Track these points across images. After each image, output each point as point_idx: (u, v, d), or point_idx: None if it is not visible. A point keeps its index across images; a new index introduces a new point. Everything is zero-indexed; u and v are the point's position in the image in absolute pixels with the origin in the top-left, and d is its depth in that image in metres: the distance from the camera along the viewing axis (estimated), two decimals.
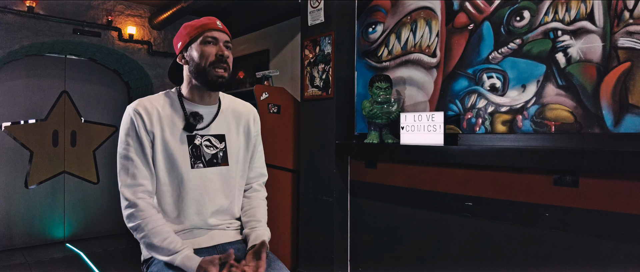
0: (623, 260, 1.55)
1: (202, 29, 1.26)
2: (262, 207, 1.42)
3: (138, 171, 1.21)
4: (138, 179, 1.21)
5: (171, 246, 1.15)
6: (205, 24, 1.28)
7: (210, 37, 1.26)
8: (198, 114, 1.29)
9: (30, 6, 3.40)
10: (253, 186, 1.45)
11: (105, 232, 4.25)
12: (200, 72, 1.25)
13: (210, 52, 1.25)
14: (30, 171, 3.88)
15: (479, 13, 2.07)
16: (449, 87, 2.18)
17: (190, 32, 1.27)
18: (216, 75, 1.25)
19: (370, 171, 2.50)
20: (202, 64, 1.24)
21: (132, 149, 1.22)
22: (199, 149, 1.28)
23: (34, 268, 3.24)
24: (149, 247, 1.19)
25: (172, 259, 1.15)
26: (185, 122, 1.27)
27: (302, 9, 2.77)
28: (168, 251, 1.15)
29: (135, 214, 1.19)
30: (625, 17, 1.62)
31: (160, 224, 1.19)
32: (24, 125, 3.86)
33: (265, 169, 1.50)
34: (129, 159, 1.21)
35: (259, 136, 1.46)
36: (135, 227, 1.20)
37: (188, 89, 1.31)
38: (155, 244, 1.16)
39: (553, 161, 1.67)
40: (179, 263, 1.13)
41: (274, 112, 2.91)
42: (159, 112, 1.25)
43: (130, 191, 1.20)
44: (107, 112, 4.33)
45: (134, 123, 1.22)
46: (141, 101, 1.27)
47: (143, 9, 4.06)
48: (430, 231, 2.18)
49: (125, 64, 4.20)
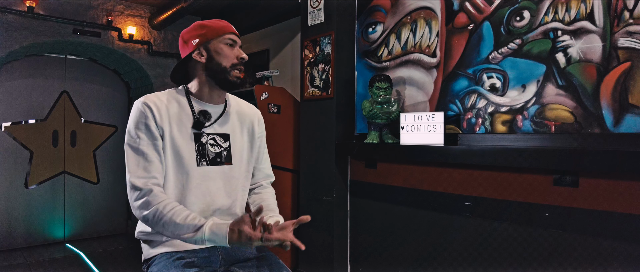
0: (623, 260, 1.55)
1: (224, 31, 1.29)
2: (273, 200, 1.46)
3: (150, 164, 1.19)
4: (151, 172, 1.19)
5: (196, 221, 1.12)
6: (225, 26, 1.31)
7: (230, 39, 1.29)
8: (207, 113, 1.29)
9: (30, 6, 3.40)
10: (262, 184, 1.50)
11: (105, 232, 4.26)
12: (220, 71, 1.27)
13: (231, 54, 1.28)
14: (30, 171, 3.88)
15: (479, 13, 2.07)
16: (449, 87, 2.18)
17: (210, 30, 1.28)
18: (235, 76, 1.29)
19: (370, 171, 2.50)
20: (224, 64, 1.27)
21: (144, 142, 1.20)
22: (204, 147, 1.29)
23: (34, 268, 3.24)
24: (173, 228, 1.13)
25: (201, 233, 1.10)
26: (193, 120, 1.27)
27: (302, 9, 2.77)
28: (194, 227, 1.11)
29: (150, 200, 1.16)
30: (625, 17, 1.62)
31: (179, 206, 1.17)
32: (24, 125, 3.86)
33: (271, 171, 1.53)
34: (141, 151, 1.20)
35: (264, 138, 1.49)
36: (153, 213, 1.15)
37: (198, 86, 1.31)
38: (179, 222, 1.12)
39: (553, 161, 1.67)
40: (208, 234, 1.09)
41: (274, 112, 2.91)
42: (167, 109, 1.25)
43: (142, 181, 1.17)
44: (107, 112, 4.33)
45: (146, 115, 1.21)
46: (149, 96, 1.26)
47: (143, 9, 4.06)
48: (430, 231, 2.18)
49: (125, 64, 4.20)
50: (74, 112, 4.13)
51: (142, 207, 1.16)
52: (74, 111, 4.13)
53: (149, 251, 1.28)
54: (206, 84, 1.31)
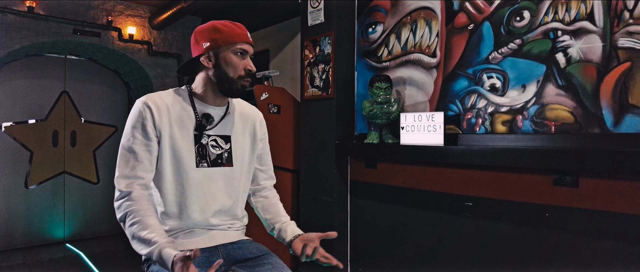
0: (623, 260, 1.55)
1: (236, 40, 1.27)
2: (281, 206, 1.49)
3: (138, 164, 1.20)
4: (137, 172, 1.19)
5: (150, 236, 1.07)
6: (240, 34, 1.28)
7: (241, 49, 1.28)
8: (209, 115, 1.29)
9: (30, 6, 3.40)
10: (267, 187, 1.51)
11: (105, 232, 4.25)
12: (227, 80, 1.26)
13: (239, 64, 1.27)
14: (30, 171, 3.88)
15: (479, 13, 2.07)
16: (449, 87, 2.18)
17: (223, 37, 1.25)
18: (241, 86, 1.28)
19: (370, 171, 2.50)
20: (231, 74, 1.26)
21: (138, 141, 1.21)
22: (205, 148, 1.29)
23: (34, 268, 3.24)
24: (130, 237, 1.12)
25: (149, 252, 1.06)
26: (196, 122, 1.27)
27: (302, 9, 2.77)
28: (148, 242, 1.07)
29: (125, 203, 1.16)
30: (625, 17, 1.62)
31: (148, 215, 1.13)
32: (24, 126, 3.86)
33: (273, 173, 1.55)
34: (132, 151, 1.20)
35: (266, 140, 1.49)
36: (123, 217, 1.14)
37: (203, 88, 1.31)
38: (136, 233, 1.10)
39: (553, 161, 1.67)
40: (156, 257, 1.04)
41: (274, 112, 2.91)
42: (169, 109, 1.25)
43: (126, 182, 1.18)
44: (107, 112, 4.33)
45: (143, 116, 1.22)
46: (151, 96, 1.26)
47: (143, 9, 4.06)
48: (430, 231, 2.18)
49: (125, 64, 4.20)
50: (74, 112, 4.13)
51: (118, 209, 1.18)
52: (74, 111, 4.13)
53: None
54: (210, 87, 1.30)
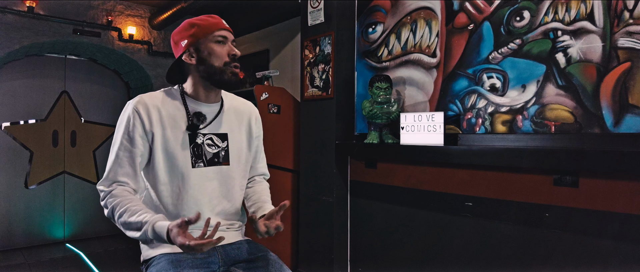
0: (623, 260, 1.55)
1: (213, 28, 1.25)
2: (266, 191, 1.44)
3: (121, 169, 1.20)
4: (118, 177, 1.20)
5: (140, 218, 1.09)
6: (214, 23, 1.26)
7: (220, 36, 1.26)
8: (201, 114, 1.27)
9: (30, 6, 3.40)
10: (255, 179, 1.48)
11: (105, 232, 4.25)
12: (215, 72, 1.24)
13: (222, 51, 1.25)
14: (30, 171, 3.88)
15: (479, 13, 2.07)
16: (449, 87, 2.18)
17: (198, 30, 1.24)
18: (231, 74, 1.25)
19: (370, 171, 2.50)
20: (216, 64, 1.24)
21: (123, 147, 1.21)
22: (200, 148, 1.27)
23: (34, 268, 3.24)
24: (123, 228, 1.14)
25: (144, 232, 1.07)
26: (188, 122, 1.26)
27: (302, 9, 2.77)
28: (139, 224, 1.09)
29: (108, 199, 1.18)
30: (625, 17, 1.62)
31: (133, 202, 1.14)
32: (24, 125, 3.86)
33: (266, 170, 1.52)
34: (118, 156, 1.21)
35: (261, 138, 1.47)
36: (111, 212, 1.16)
37: (193, 86, 1.30)
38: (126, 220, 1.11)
39: (553, 161, 1.67)
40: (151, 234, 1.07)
41: (274, 112, 2.91)
42: (160, 111, 1.24)
43: (107, 183, 1.21)
44: (107, 112, 4.33)
45: (133, 123, 1.21)
46: (142, 98, 1.26)
47: (143, 9, 4.06)
48: (430, 231, 2.18)
49: (125, 64, 4.20)
50: (73, 112, 4.13)
51: (104, 207, 1.19)
52: (73, 111, 4.13)
53: (148, 252, 1.27)
54: (201, 84, 1.29)
